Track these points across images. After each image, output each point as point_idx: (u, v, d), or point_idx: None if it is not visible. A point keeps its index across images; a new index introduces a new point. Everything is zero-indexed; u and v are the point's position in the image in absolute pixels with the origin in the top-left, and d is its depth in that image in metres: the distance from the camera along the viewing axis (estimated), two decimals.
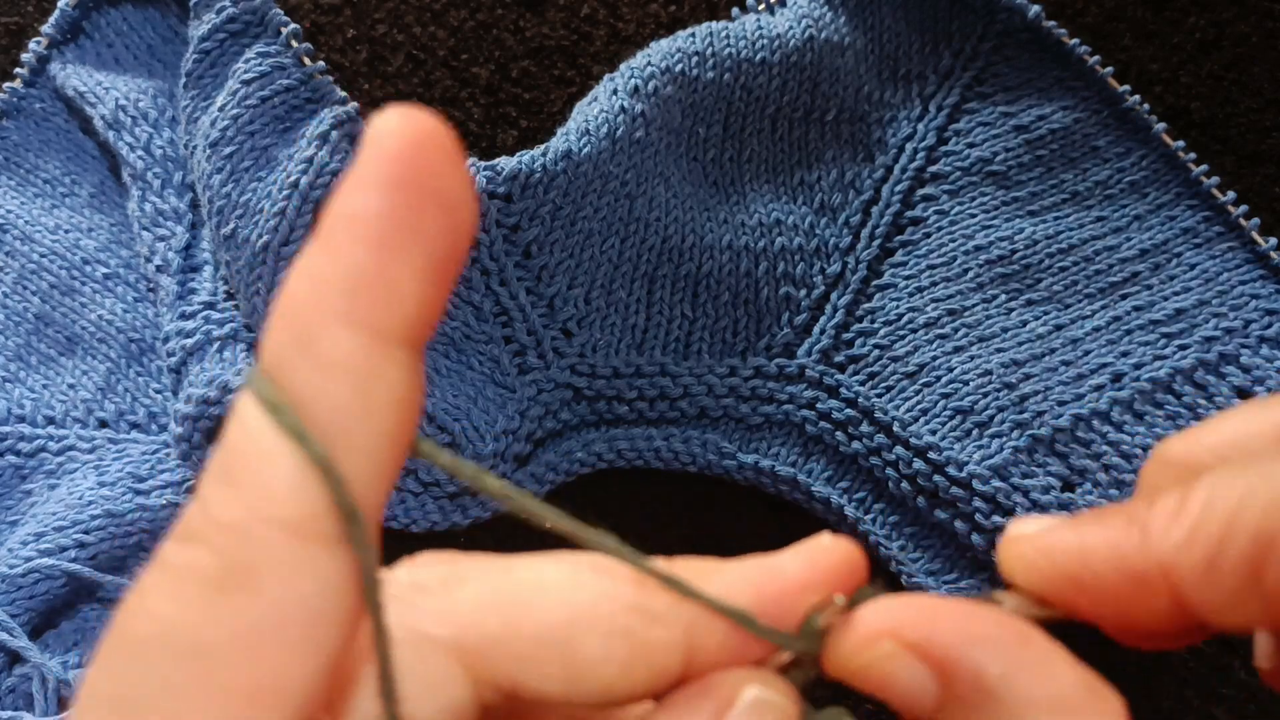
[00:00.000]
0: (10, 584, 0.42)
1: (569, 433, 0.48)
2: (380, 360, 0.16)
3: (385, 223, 0.16)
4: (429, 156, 0.16)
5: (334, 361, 0.16)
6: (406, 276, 0.16)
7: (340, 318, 0.16)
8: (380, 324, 0.16)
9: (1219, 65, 0.55)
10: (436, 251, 0.16)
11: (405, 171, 0.16)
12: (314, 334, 0.16)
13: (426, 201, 0.16)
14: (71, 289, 0.50)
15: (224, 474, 0.16)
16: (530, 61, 0.54)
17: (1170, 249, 0.51)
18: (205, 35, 0.47)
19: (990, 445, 0.46)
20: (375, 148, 0.16)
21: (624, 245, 0.48)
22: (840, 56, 0.50)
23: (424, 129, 0.16)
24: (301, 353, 0.16)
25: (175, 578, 0.16)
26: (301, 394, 0.16)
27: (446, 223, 0.16)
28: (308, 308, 0.16)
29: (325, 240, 0.16)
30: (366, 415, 0.16)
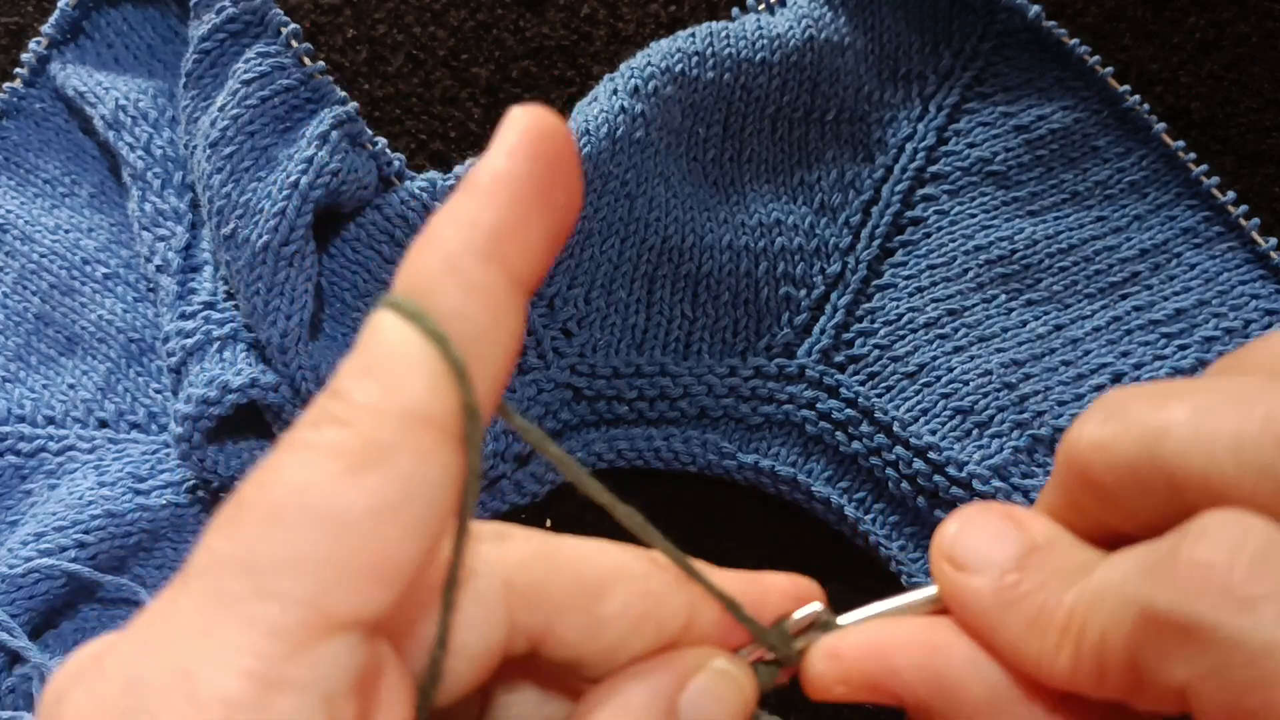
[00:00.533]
0: (10, 584, 0.42)
1: (569, 433, 0.48)
2: (512, 297, 0.18)
3: (528, 184, 0.18)
4: (560, 143, 0.19)
5: (479, 289, 0.18)
6: (537, 234, 0.19)
7: (486, 255, 0.18)
8: (514, 268, 0.18)
9: (1219, 65, 0.55)
10: (558, 220, 0.19)
11: (545, 148, 0.19)
12: (464, 264, 0.18)
13: (558, 177, 0.19)
14: (71, 289, 0.50)
15: (364, 370, 0.18)
16: (530, 61, 0.54)
17: (1170, 249, 0.51)
18: (205, 35, 0.47)
19: (990, 445, 0.46)
20: (518, 127, 0.19)
21: (624, 245, 0.48)
22: (840, 56, 0.50)
23: (555, 122, 0.19)
24: (451, 278, 0.18)
25: (316, 453, 0.17)
26: (448, 311, 0.18)
27: (568, 200, 0.19)
28: (458, 242, 0.18)
29: (473, 191, 0.19)
30: (497, 339, 0.18)
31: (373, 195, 0.47)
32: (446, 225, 0.18)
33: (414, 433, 0.17)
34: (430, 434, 0.17)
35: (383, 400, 0.17)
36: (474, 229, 0.18)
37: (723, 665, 0.22)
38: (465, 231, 0.18)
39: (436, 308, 0.18)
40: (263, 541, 0.17)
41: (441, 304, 0.18)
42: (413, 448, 0.17)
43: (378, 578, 0.17)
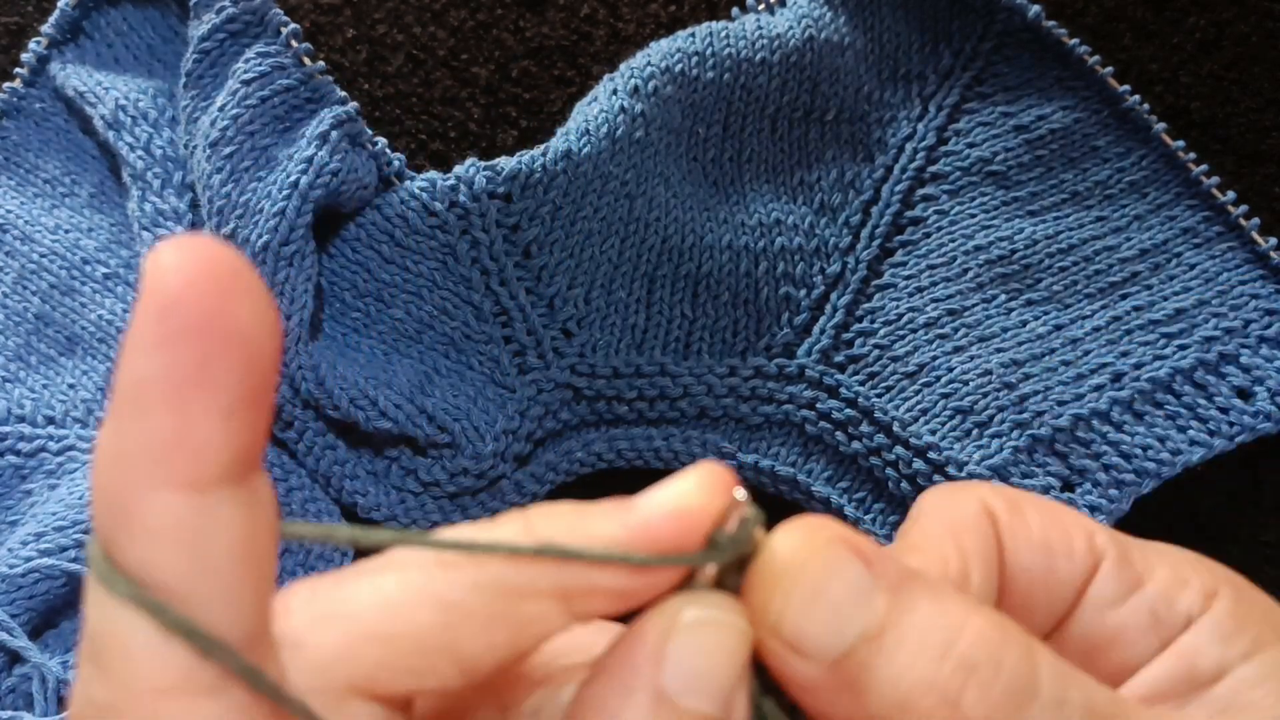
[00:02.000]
0: (10, 584, 0.42)
1: (569, 433, 0.48)
2: (207, 511, 0.16)
3: (172, 382, 0.15)
4: (212, 295, 0.15)
5: (159, 527, 0.15)
6: (211, 424, 0.15)
7: (153, 484, 0.15)
8: (195, 477, 0.15)
9: (1219, 65, 0.55)
10: (237, 389, 0.16)
11: (186, 321, 0.15)
12: (132, 508, 0.15)
13: (214, 345, 0.15)
14: (71, 289, 0.50)
15: (92, 656, 0.16)
16: (530, 61, 0.54)
17: (1170, 249, 0.51)
18: (205, 35, 0.47)
19: (990, 445, 0.46)
20: (151, 297, 0.15)
21: (624, 245, 0.48)
22: (840, 56, 0.50)
23: (201, 263, 0.15)
24: (126, 527, 0.16)
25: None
26: (138, 564, 0.15)
27: (241, 358, 0.15)
28: (119, 483, 0.16)
29: (119, 409, 0.16)
30: (207, 566, 0.16)
31: (373, 195, 0.47)
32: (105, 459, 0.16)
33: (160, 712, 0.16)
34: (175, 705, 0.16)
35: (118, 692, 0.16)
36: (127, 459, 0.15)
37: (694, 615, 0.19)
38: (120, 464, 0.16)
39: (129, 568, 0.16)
40: None
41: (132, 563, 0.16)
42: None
43: None
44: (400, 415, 0.45)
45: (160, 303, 0.15)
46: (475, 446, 0.46)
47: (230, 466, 0.16)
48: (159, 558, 0.15)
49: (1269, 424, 0.47)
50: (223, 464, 0.16)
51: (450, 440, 0.46)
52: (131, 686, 0.16)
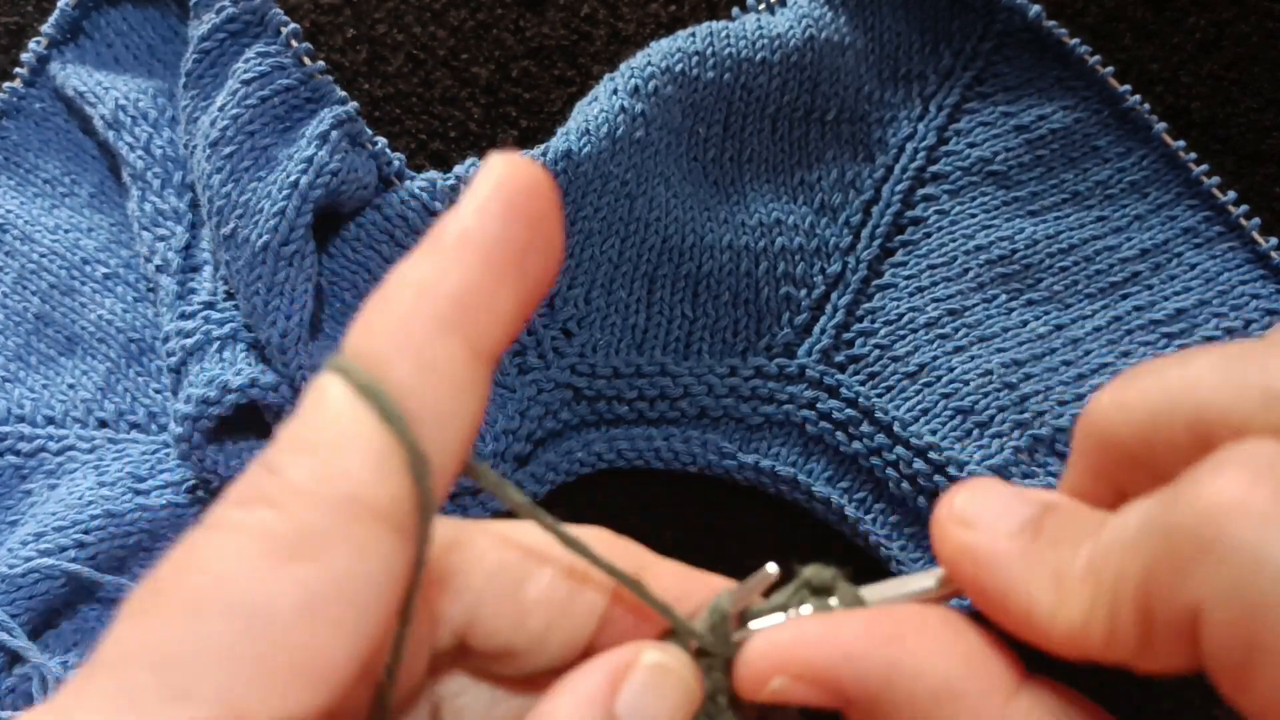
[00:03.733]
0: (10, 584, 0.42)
1: (569, 433, 0.48)
2: (473, 373, 0.17)
3: (500, 248, 0.17)
4: (540, 200, 0.17)
5: (436, 365, 0.16)
6: (506, 303, 0.17)
7: (448, 328, 0.17)
8: (479, 340, 0.17)
9: (1219, 65, 0.55)
10: (532, 287, 0.17)
11: (523, 207, 0.17)
12: (421, 336, 0.16)
13: (535, 240, 0.17)
14: (71, 289, 0.50)
15: (303, 445, 0.16)
16: (530, 61, 0.54)
17: (1171, 249, 0.51)
18: (205, 35, 0.47)
19: (991, 445, 0.46)
20: (494, 178, 0.17)
21: (624, 245, 0.48)
22: (840, 56, 0.50)
23: (538, 175, 0.17)
24: (407, 353, 0.16)
25: (242, 536, 0.16)
26: (400, 388, 0.16)
27: (544, 264, 0.17)
28: (417, 313, 0.16)
29: (438, 250, 0.17)
30: (454, 422, 0.17)
31: (373, 195, 0.47)
32: (405, 287, 0.17)
33: (353, 522, 0.16)
34: (372, 525, 0.16)
35: (321, 482, 0.16)
36: (435, 295, 0.16)
37: (655, 658, 0.20)
38: (425, 297, 0.16)
39: (392, 385, 0.16)
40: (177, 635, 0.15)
41: (393, 378, 0.16)
42: (351, 539, 0.16)
43: (303, 679, 0.15)
44: None
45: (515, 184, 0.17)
46: (475, 446, 0.46)
47: (499, 346, 0.17)
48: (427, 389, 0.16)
49: None
50: (499, 339, 0.17)
51: None
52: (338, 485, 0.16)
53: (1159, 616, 0.17)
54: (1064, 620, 0.18)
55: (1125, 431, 0.19)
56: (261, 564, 0.15)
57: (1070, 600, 0.18)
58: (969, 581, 0.20)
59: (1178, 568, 0.16)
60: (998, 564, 0.19)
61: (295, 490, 0.16)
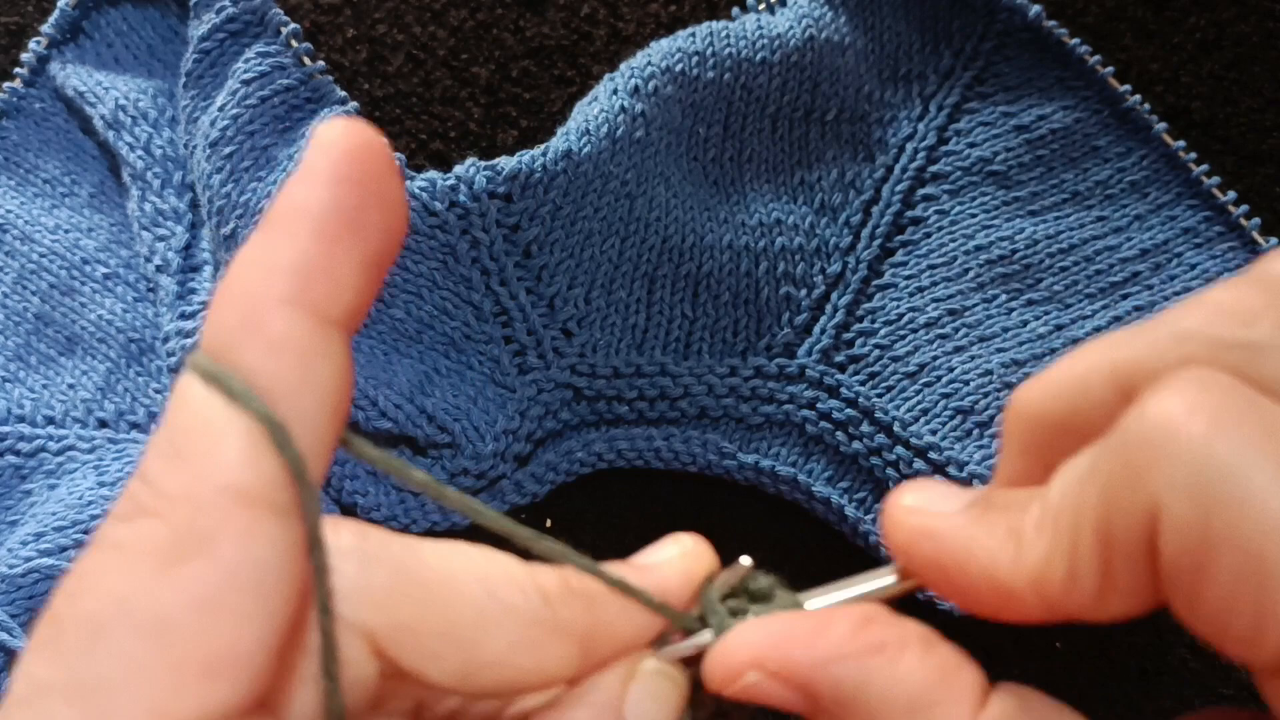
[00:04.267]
0: (10, 584, 0.42)
1: (569, 433, 0.48)
2: (323, 341, 0.17)
3: (333, 215, 0.17)
4: (372, 159, 0.17)
5: (283, 340, 0.16)
6: (348, 267, 0.17)
7: (289, 301, 0.16)
8: (324, 308, 0.17)
9: (1219, 65, 0.55)
10: (375, 247, 0.17)
11: (352, 170, 0.17)
12: (263, 315, 0.16)
13: (369, 200, 0.17)
14: (71, 289, 0.50)
15: (170, 449, 0.16)
16: (530, 61, 0.54)
17: (1171, 249, 0.51)
18: (205, 35, 0.47)
19: (991, 445, 0.46)
20: (322, 148, 0.17)
21: (624, 245, 0.48)
22: (840, 56, 0.50)
23: (367, 135, 0.17)
24: (251, 333, 0.16)
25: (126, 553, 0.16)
26: (251, 370, 0.16)
27: (385, 222, 0.17)
28: (257, 291, 0.17)
29: (273, 229, 0.17)
30: (312, 390, 0.17)
31: None
32: (244, 268, 0.17)
33: (232, 514, 0.16)
34: (251, 511, 0.16)
35: (193, 483, 0.16)
36: (272, 271, 0.16)
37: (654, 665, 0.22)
38: (263, 275, 0.17)
39: (241, 368, 0.16)
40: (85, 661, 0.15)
41: (242, 361, 0.16)
42: (231, 530, 0.16)
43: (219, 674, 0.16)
44: (400, 415, 0.45)
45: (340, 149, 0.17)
46: (475, 446, 0.46)
47: (350, 312, 0.17)
48: (272, 366, 0.16)
49: None
50: (347, 306, 0.17)
51: (450, 440, 0.46)
52: (210, 480, 0.16)
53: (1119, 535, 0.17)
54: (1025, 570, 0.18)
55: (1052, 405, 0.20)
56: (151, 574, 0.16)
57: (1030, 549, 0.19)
58: (928, 560, 0.20)
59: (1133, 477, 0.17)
60: (954, 535, 0.20)
61: (169, 495, 0.16)
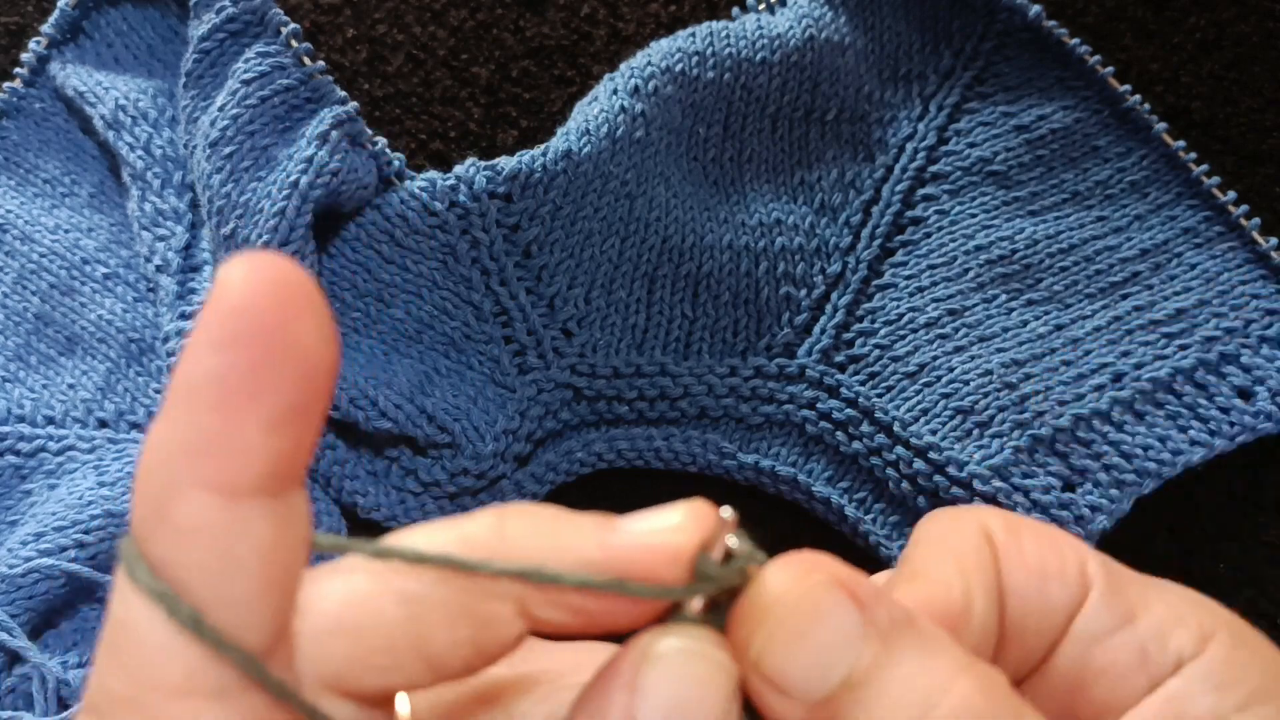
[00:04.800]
0: (10, 584, 0.42)
1: (569, 433, 0.48)
2: (237, 516, 0.16)
3: (223, 384, 0.15)
4: (273, 307, 0.15)
5: (190, 527, 0.16)
6: (254, 432, 0.16)
7: (190, 483, 0.16)
8: (231, 482, 0.16)
9: (1219, 65, 0.55)
10: (285, 401, 0.16)
11: (245, 327, 0.15)
12: (167, 502, 0.16)
13: (271, 355, 0.16)
14: (71, 289, 0.50)
15: (110, 648, 0.17)
16: (530, 61, 0.54)
17: (1171, 249, 0.51)
18: (205, 35, 0.47)
19: (991, 445, 0.46)
20: (216, 304, 0.16)
21: (624, 245, 0.48)
22: (840, 56, 0.50)
23: (269, 277, 0.16)
24: (159, 522, 0.16)
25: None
26: (164, 561, 0.16)
27: (296, 372, 0.16)
28: (159, 476, 0.16)
29: (170, 406, 0.16)
30: (231, 571, 0.16)
31: (373, 195, 0.47)
32: (150, 452, 0.16)
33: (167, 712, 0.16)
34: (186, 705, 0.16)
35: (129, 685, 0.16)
36: (172, 454, 0.16)
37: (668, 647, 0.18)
38: (165, 459, 0.16)
39: (155, 560, 0.16)
40: None
41: (159, 555, 0.16)
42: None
43: None
44: (400, 415, 0.45)
45: (223, 308, 0.15)
46: (475, 446, 0.46)
47: (266, 477, 0.16)
48: (185, 556, 0.16)
49: (1269, 424, 0.47)
50: (259, 473, 0.16)
51: (450, 440, 0.46)
52: (143, 681, 0.16)
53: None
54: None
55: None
56: None
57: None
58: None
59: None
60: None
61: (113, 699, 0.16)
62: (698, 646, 0.18)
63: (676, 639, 0.18)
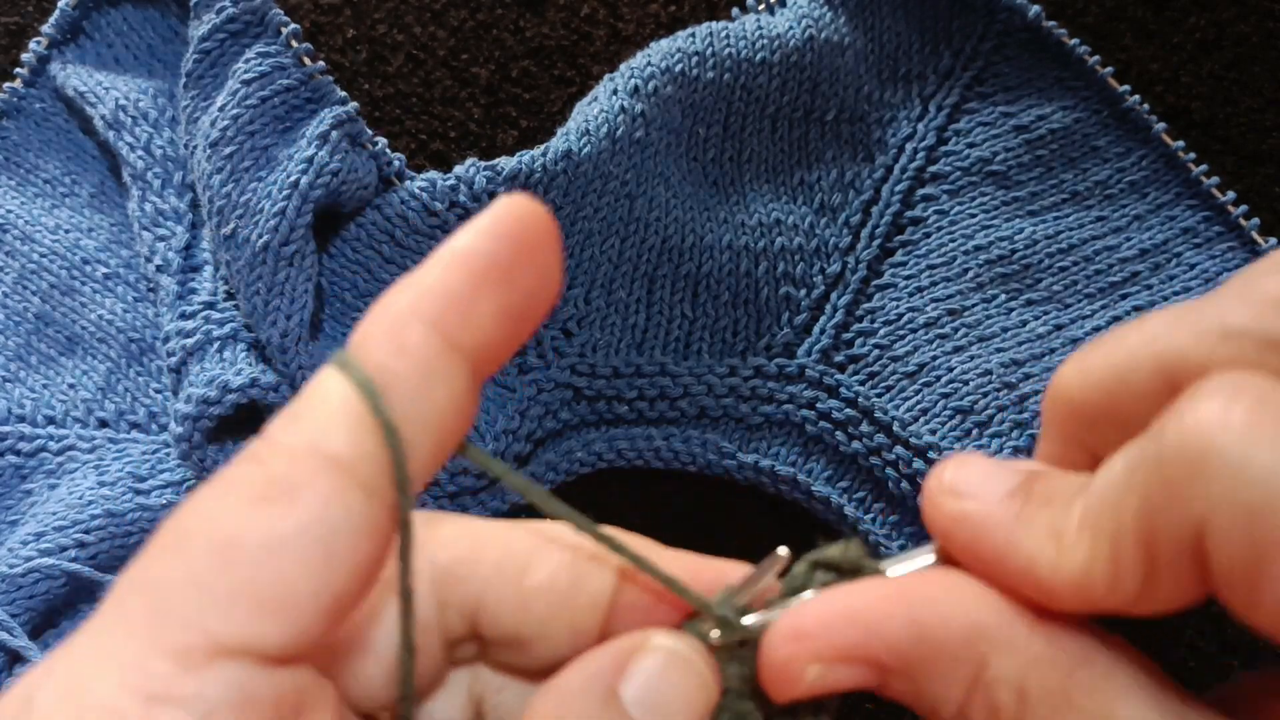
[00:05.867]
0: (10, 584, 0.42)
1: (569, 432, 0.48)
2: (446, 362, 0.19)
3: (484, 260, 0.19)
4: (539, 230, 0.20)
5: (411, 349, 0.19)
6: (489, 309, 0.19)
7: (427, 320, 0.19)
8: (456, 336, 0.19)
9: (1219, 65, 0.55)
10: (518, 301, 0.19)
11: (516, 230, 0.19)
12: (401, 326, 0.19)
13: (522, 260, 0.19)
14: (71, 289, 0.50)
15: (291, 412, 0.19)
16: (530, 61, 0.54)
17: (1170, 249, 0.51)
18: (205, 35, 0.47)
19: (990, 445, 0.46)
20: (498, 208, 0.19)
21: (624, 245, 0.48)
22: (840, 56, 0.50)
23: (534, 209, 0.20)
24: (387, 337, 0.19)
25: (227, 486, 0.18)
26: (376, 365, 0.18)
27: (534, 283, 0.20)
28: (404, 306, 0.19)
29: (434, 263, 0.19)
30: (424, 398, 0.19)
31: (373, 195, 0.47)
32: (399, 290, 0.19)
33: (320, 474, 0.18)
34: (338, 477, 0.18)
35: (297, 441, 0.18)
36: (420, 294, 0.19)
37: (665, 643, 0.21)
38: (411, 296, 0.19)
39: (365, 359, 0.19)
40: (164, 565, 0.18)
41: (370, 356, 0.19)
42: (318, 488, 0.18)
43: (269, 611, 0.17)
44: None
45: (512, 213, 0.19)
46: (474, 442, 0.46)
47: (478, 348, 0.19)
48: (398, 367, 0.18)
49: None
50: (477, 342, 0.19)
51: None
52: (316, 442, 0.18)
53: (1164, 545, 0.17)
54: (1066, 572, 0.19)
55: (1093, 393, 0.20)
56: (238, 507, 0.18)
57: (1071, 552, 0.19)
58: (966, 549, 0.20)
59: (1174, 492, 0.17)
60: (993, 528, 0.20)
61: (277, 449, 0.18)
62: (688, 654, 0.21)
63: (673, 640, 0.21)
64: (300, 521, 0.17)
